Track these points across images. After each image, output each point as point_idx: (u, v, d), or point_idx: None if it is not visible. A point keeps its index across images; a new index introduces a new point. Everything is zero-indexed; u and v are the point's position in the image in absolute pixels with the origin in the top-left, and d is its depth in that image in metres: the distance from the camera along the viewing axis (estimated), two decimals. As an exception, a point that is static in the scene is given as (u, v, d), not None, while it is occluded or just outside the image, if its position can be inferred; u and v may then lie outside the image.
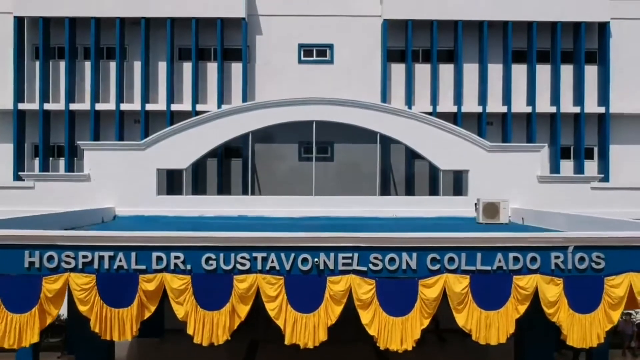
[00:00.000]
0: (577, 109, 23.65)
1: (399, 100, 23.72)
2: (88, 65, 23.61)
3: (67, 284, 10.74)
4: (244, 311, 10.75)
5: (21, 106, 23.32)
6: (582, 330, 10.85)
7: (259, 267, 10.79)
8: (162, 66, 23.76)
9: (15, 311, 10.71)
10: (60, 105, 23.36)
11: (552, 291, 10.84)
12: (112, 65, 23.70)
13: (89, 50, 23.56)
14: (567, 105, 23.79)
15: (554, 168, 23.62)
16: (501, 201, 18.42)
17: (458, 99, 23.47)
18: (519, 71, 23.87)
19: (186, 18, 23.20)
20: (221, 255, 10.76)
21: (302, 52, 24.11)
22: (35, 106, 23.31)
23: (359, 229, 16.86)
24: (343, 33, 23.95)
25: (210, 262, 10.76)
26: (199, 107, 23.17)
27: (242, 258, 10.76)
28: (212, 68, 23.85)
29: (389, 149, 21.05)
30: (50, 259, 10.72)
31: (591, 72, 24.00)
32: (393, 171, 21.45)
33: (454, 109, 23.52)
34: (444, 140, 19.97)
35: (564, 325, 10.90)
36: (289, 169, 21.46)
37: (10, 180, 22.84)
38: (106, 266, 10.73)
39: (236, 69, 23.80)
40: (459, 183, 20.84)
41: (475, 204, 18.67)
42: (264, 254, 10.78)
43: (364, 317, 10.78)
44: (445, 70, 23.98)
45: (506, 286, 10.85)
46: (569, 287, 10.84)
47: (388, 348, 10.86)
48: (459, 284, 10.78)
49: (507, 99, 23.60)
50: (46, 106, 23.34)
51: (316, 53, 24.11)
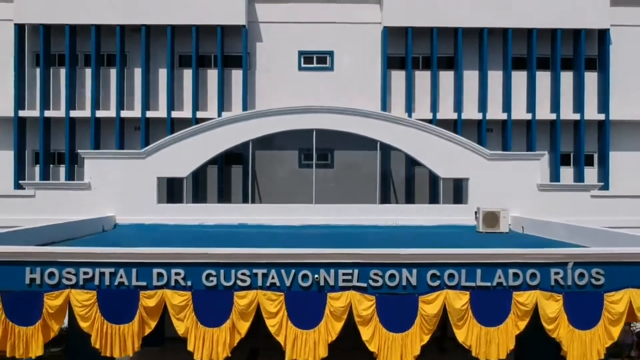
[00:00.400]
0: (577, 116, 23.66)
1: (399, 107, 23.74)
2: (89, 72, 23.64)
3: (68, 300, 10.77)
4: (244, 327, 10.77)
5: (22, 113, 23.34)
6: (582, 347, 10.87)
7: (259, 284, 10.81)
8: (162, 73, 23.79)
9: (22, 325, 10.79)
10: (61, 113, 23.38)
11: (552, 307, 10.86)
12: (113, 72, 23.72)
13: (89, 57, 23.59)
14: (567, 112, 23.81)
15: (554, 175, 23.64)
16: (501, 210, 18.45)
17: (458, 106, 23.48)
18: (519, 78, 23.89)
19: (186, 25, 23.22)
20: (221, 272, 10.79)
21: (302, 59, 24.13)
22: (35, 113, 23.33)
23: (359, 237, 17.05)
24: (343, 40, 23.97)
25: (211, 278, 10.79)
26: (199, 114, 23.21)
27: (243, 274, 10.78)
28: (212, 75, 23.87)
29: (389, 155, 21.08)
30: (51, 275, 10.75)
31: (591, 78, 24.02)
32: (393, 178, 21.48)
33: (454, 116, 23.53)
34: (444, 148, 19.98)
35: (564, 342, 10.92)
36: (289, 175, 21.49)
37: (11, 187, 22.89)
38: (107, 282, 10.75)
39: (236, 75, 23.82)
40: (459, 191, 20.87)
41: (476, 213, 18.70)
42: (264, 270, 10.80)
43: (364, 333, 10.80)
44: (445, 77, 23.99)
45: (506, 302, 10.87)
46: (569, 303, 10.86)
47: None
48: (459, 300, 10.81)
49: (507, 106, 23.62)
50: (47, 113, 23.36)
51: (316, 60, 24.13)
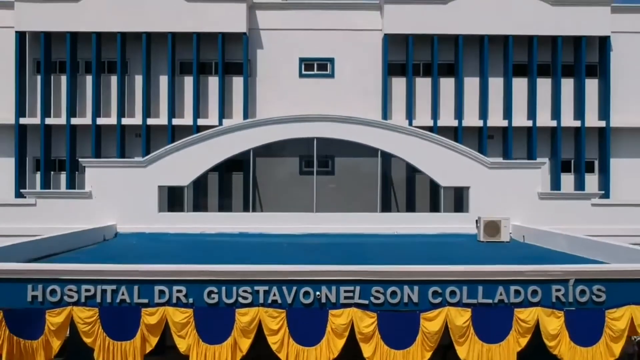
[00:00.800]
0: (577, 123, 23.68)
1: (399, 113, 23.76)
2: (89, 79, 23.66)
3: (71, 317, 10.78)
4: (245, 345, 10.76)
5: (22, 120, 23.37)
6: (584, 363, 10.89)
7: (261, 301, 10.82)
8: (163, 80, 23.82)
9: (25, 338, 10.82)
10: (62, 120, 23.42)
11: (553, 324, 10.87)
12: (114, 79, 23.74)
13: (90, 64, 23.63)
14: (568, 119, 23.84)
15: (555, 182, 23.67)
16: (502, 219, 18.46)
17: (459, 113, 23.50)
18: (519, 85, 23.94)
19: (187, 32, 23.22)
20: (223, 289, 10.79)
21: (303, 66, 24.14)
22: (36, 120, 23.36)
23: (360, 247, 17.07)
24: (344, 47, 23.99)
25: (213, 295, 10.79)
26: (200, 122, 23.24)
27: (244, 291, 10.79)
28: (213, 82, 23.90)
29: (390, 162, 21.05)
30: (53, 292, 10.75)
31: (592, 85, 24.04)
32: (394, 185, 21.46)
33: (454, 123, 23.56)
34: (444, 157, 19.97)
35: (565, 358, 10.90)
36: (289, 182, 21.48)
37: (12, 194, 22.93)
38: (109, 300, 10.75)
39: (237, 83, 23.86)
40: (460, 199, 20.86)
41: (477, 222, 18.71)
42: (266, 287, 10.81)
43: (366, 350, 10.80)
44: (446, 84, 24.01)
45: (507, 319, 10.86)
46: (570, 320, 10.86)
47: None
48: (461, 317, 10.81)
49: (507, 113, 23.65)
50: (47, 120, 23.39)
51: (317, 67, 24.14)
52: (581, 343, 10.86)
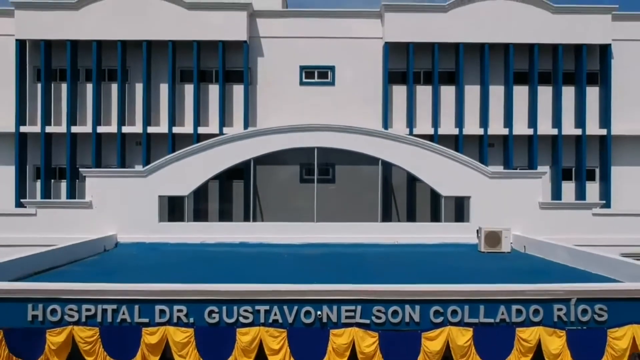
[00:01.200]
0: (578, 131, 23.65)
1: (400, 122, 23.74)
2: (90, 87, 23.67)
3: (71, 337, 10.75)
4: (246, 364, 10.75)
5: (23, 129, 23.37)
6: (585, 383, 10.86)
7: (261, 320, 10.79)
8: (163, 88, 23.80)
9: (25, 358, 10.79)
10: (62, 128, 23.41)
11: (555, 343, 10.84)
12: (114, 87, 23.74)
13: (90, 72, 23.64)
14: (569, 127, 23.83)
15: (556, 190, 23.64)
16: (503, 230, 18.42)
17: (459, 121, 23.48)
18: (520, 93, 23.94)
19: (188, 41, 23.19)
20: (224, 308, 10.76)
21: (303, 74, 24.12)
22: (37, 129, 23.36)
23: (360, 258, 17.03)
24: (344, 55, 23.97)
25: (213, 315, 10.76)
26: (200, 130, 23.23)
27: (245, 311, 10.75)
28: (213, 90, 23.89)
29: (391, 171, 21.04)
30: (54, 312, 10.72)
31: (593, 93, 24.03)
32: (395, 194, 21.43)
33: (455, 131, 23.54)
34: (445, 166, 19.94)
35: (566, 378, 10.92)
36: (290, 190, 21.44)
37: (12, 202, 22.92)
38: (109, 319, 10.72)
39: (238, 90, 23.84)
40: (460, 209, 20.82)
41: (477, 232, 18.68)
42: (267, 307, 10.77)
43: (367, 370, 10.78)
44: (447, 92, 23.99)
45: (509, 338, 10.84)
46: (572, 339, 10.82)
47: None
48: (462, 337, 10.78)
49: (508, 121, 23.62)
50: (48, 129, 23.38)
51: (318, 75, 24.12)
52: (583, 363, 10.84)
